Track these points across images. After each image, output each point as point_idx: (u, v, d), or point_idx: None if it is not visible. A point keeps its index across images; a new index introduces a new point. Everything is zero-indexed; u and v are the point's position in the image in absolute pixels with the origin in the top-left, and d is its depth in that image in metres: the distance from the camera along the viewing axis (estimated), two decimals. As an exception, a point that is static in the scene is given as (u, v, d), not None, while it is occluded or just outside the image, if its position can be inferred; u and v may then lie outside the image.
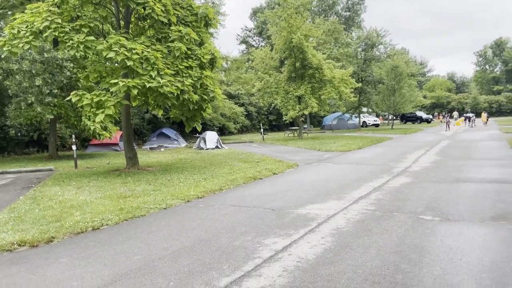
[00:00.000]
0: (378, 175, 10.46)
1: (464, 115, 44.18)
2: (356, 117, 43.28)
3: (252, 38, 63.08)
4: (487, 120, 41.56)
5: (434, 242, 4.90)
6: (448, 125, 34.08)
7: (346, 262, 4.35)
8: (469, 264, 4.16)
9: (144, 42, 11.44)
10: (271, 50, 32.73)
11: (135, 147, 17.84)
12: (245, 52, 58.82)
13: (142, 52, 10.56)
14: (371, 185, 8.92)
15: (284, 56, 30.12)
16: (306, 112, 27.76)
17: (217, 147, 23.00)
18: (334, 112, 43.92)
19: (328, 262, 4.38)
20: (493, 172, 10.09)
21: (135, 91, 10.50)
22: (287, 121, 30.52)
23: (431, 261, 4.27)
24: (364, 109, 47.04)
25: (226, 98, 32.27)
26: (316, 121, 52.39)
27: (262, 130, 31.90)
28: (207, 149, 22.28)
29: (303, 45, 26.55)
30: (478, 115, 49.21)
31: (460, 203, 6.89)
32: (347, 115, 42.35)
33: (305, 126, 42.98)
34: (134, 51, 10.42)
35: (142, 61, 10.62)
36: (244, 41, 63.12)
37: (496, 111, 69.37)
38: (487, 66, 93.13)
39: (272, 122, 46.12)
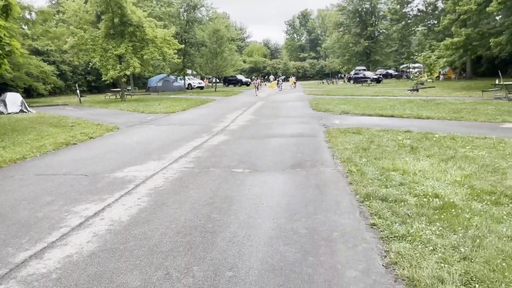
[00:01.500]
0: (199, 134, 10.82)
1: (278, 79, 48.92)
2: (181, 79, 43.36)
3: (62, -13, 55.23)
4: (295, 83, 47.06)
5: (242, 191, 5.38)
6: (257, 88, 36.07)
7: (161, 219, 4.41)
8: (270, 207, 4.73)
9: None
10: (86, 2, 29.36)
11: None
12: (54, 2, 51.25)
13: None
14: (192, 144, 9.18)
15: (100, 10, 27.52)
16: (128, 72, 26.35)
17: (21, 111, 19.91)
18: (159, 74, 42.93)
19: (142, 221, 4.35)
20: (295, 128, 11.59)
21: None
22: (109, 82, 28.45)
23: (238, 208, 4.69)
24: (189, 71, 47.43)
25: (31, 54, 27.94)
26: (141, 82, 50.45)
27: (78, 91, 29.00)
28: (9, 113, 19.09)
29: (121, -1, 24.71)
30: (288, 79, 55.35)
31: (268, 156, 7.73)
32: (172, 77, 42.07)
33: (129, 87, 40.97)
34: None
35: None
36: (52, -11, 54.79)
37: (302, 76, 79.65)
38: (295, 35, 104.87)
39: (91, 83, 42.34)
